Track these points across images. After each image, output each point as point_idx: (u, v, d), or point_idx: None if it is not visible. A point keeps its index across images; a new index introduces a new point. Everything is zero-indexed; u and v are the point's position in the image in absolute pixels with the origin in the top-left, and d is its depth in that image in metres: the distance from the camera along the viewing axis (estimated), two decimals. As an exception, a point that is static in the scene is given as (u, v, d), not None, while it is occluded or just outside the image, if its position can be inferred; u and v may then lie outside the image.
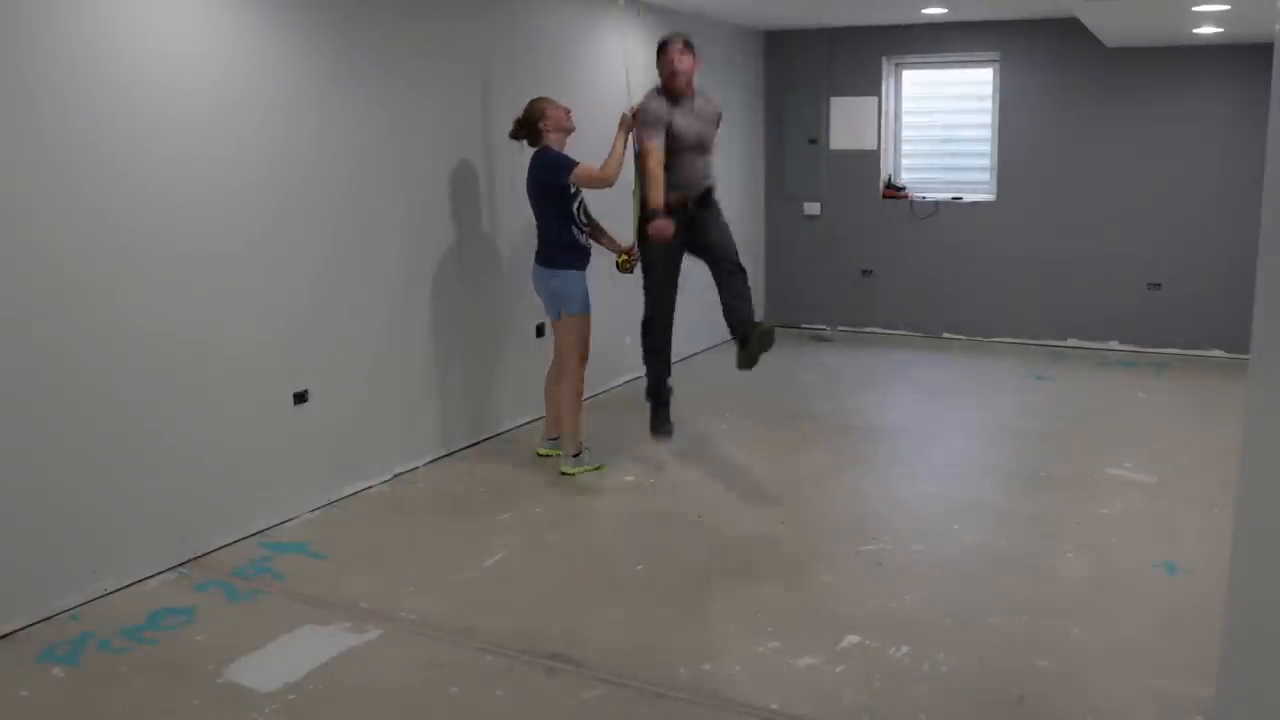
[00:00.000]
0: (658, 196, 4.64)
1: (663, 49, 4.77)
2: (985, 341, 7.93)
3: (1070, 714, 2.89)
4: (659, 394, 5.03)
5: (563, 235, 4.81)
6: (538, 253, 4.91)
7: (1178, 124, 7.23)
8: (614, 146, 4.82)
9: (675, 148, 4.77)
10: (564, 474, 4.90)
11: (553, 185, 4.78)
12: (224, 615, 3.52)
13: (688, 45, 4.76)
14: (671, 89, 4.79)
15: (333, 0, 4.35)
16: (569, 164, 4.76)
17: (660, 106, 4.78)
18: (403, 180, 4.80)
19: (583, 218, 4.93)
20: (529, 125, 4.84)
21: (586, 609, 3.55)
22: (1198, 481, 4.75)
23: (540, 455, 5.13)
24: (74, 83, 3.41)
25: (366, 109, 4.56)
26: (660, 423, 5.01)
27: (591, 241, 4.98)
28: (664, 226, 4.60)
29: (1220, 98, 7.08)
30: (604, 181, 4.76)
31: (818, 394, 6.43)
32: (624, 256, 4.92)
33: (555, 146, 4.82)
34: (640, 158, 4.73)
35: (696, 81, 4.86)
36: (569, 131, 4.89)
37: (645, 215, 4.72)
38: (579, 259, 4.86)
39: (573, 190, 4.85)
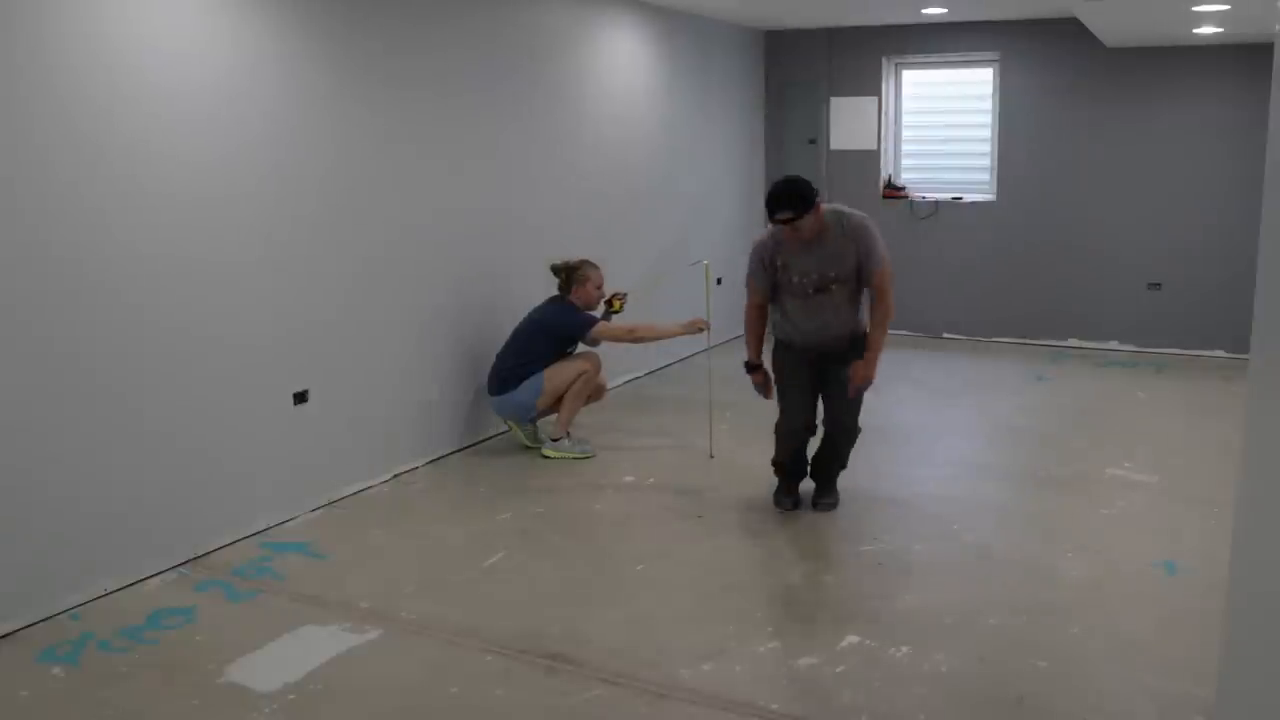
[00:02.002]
0: (749, 348, 4.34)
1: (770, 215, 4.04)
2: (985, 341, 7.93)
3: (1070, 714, 2.89)
4: (785, 469, 4.54)
5: (525, 369, 5.04)
6: (496, 381, 5.10)
7: (1178, 124, 7.23)
8: (666, 327, 5.18)
9: (786, 290, 4.16)
10: (544, 457, 5.12)
11: (567, 338, 5.10)
12: (224, 615, 3.52)
13: (797, 200, 3.95)
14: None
15: (335, 1, 4.35)
16: (590, 322, 5.06)
17: (768, 245, 4.15)
18: (403, 181, 4.80)
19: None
20: (567, 279, 5.12)
21: (586, 609, 3.54)
22: (1198, 481, 4.75)
23: (544, 456, 5.13)
24: (74, 83, 3.41)
25: (368, 110, 4.56)
26: (781, 494, 4.54)
27: None
28: (756, 382, 4.37)
29: (1220, 98, 7.08)
30: (632, 340, 5.17)
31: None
32: (616, 303, 5.29)
33: (577, 304, 5.12)
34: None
35: (828, 219, 4.10)
36: (589, 308, 5.15)
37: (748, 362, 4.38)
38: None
39: (578, 344, 5.20)
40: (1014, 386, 6.65)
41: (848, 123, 8.16)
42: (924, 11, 7.08)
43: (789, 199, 3.96)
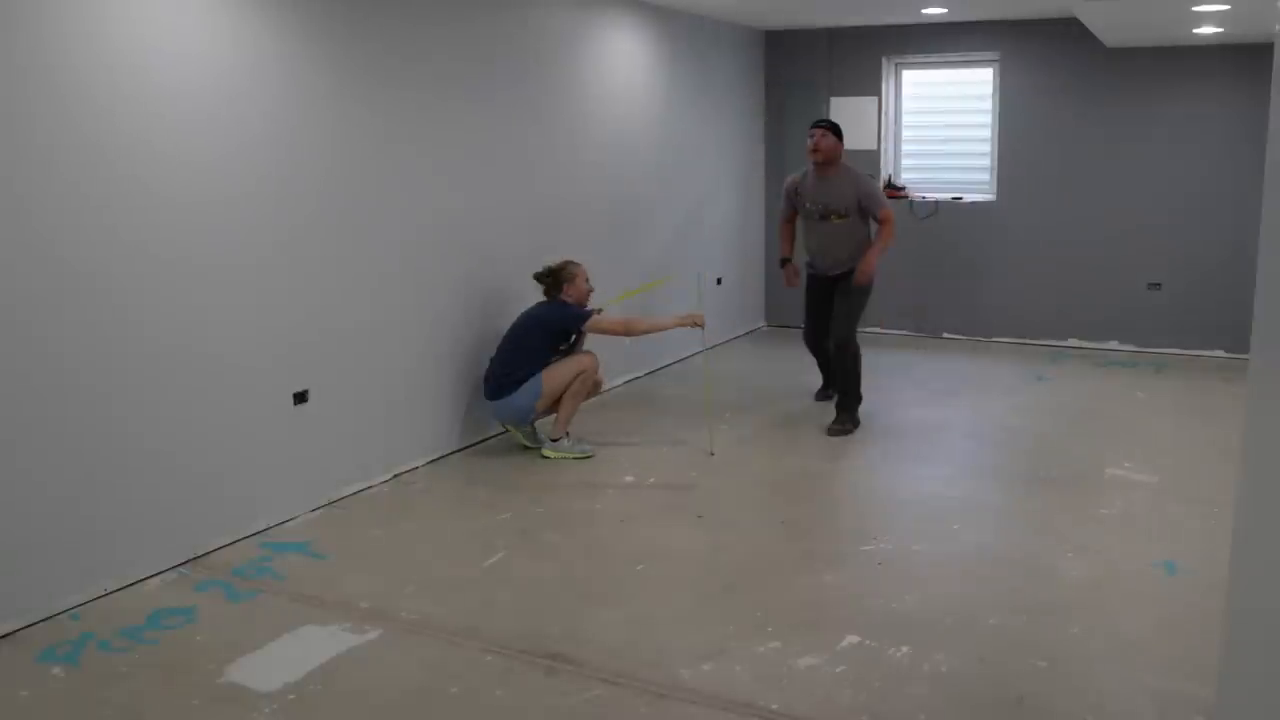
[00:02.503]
0: (781, 245, 6.01)
1: (811, 125, 5.64)
2: (985, 341, 7.93)
3: (1070, 714, 2.89)
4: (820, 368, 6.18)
5: (522, 371, 5.02)
6: (492, 386, 5.09)
7: (1177, 124, 7.23)
8: (661, 320, 5.31)
9: (803, 216, 5.75)
10: (544, 457, 5.11)
11: (563, 331, 5.12)
12: (224, 615, 3.52)
13: (829, 128, 5.54)
14: (813, 162, 5.61)
15: (335, 2, 4.35)
16: (585, 314, 5.07)
17: (793, 180, 5.83)
18: (404, 181, 4.80)
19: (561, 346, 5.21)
20: (555, 281, 5.12)
21: (586, 609, 3.54)
22: (1198, 481, 4.75)
23: (544, 456, 5.13)
24: (75, 82, 3.41)
25: (368, 110, 4.56)
26: (820, 389, 6.24)
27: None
28: (785, 275, 5.96)
29: (1220, 98, 7.08)
30: (626, 332, 5.23)
31: (818, 394, 6.42)
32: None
33: (570, 300, 5.14)
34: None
35: (843, 168, 5.59)
36: (581, 304, 5.16)
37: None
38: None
39: (575, 336, 5.22)
40: (1014, 386, 6.65)
41: (848, 123, 8.12)
42: (924, 11, 7.09)
43: (827, 121, 5.66)
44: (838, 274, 5.67)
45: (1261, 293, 1.73)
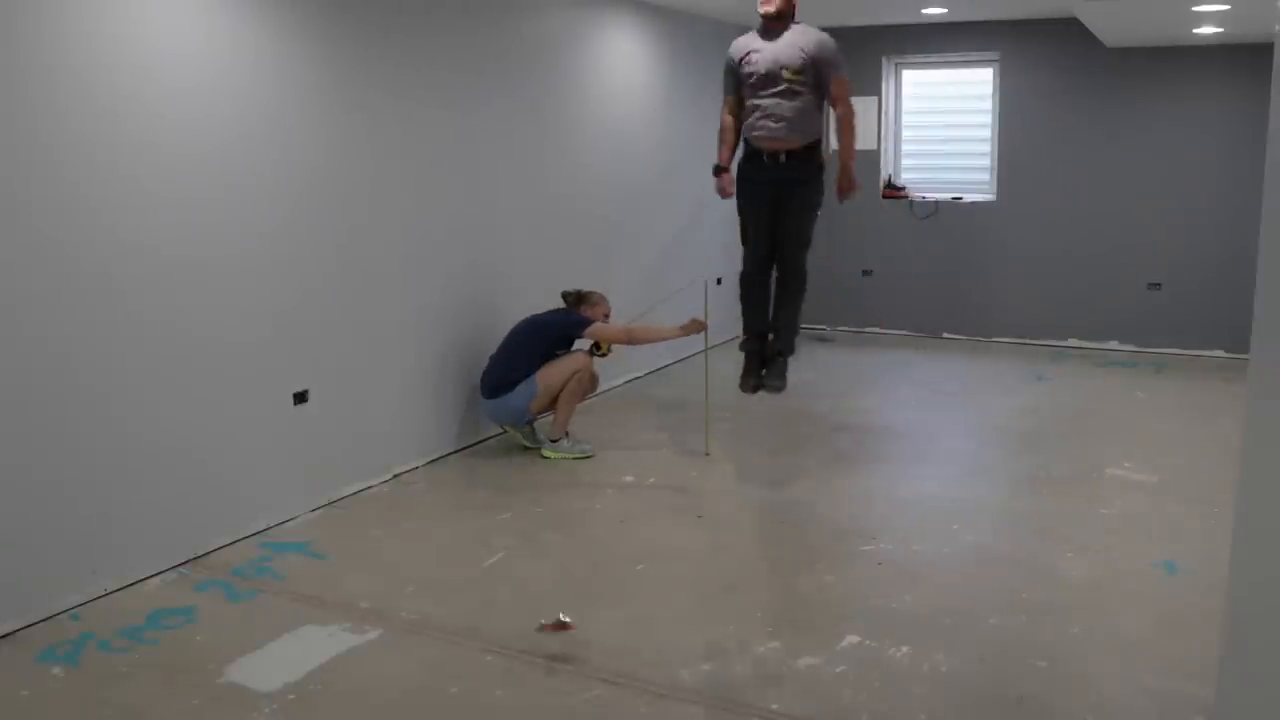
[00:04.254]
0: (720, 151, 4.64)
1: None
2: (985, 341, 7.93)
3: (1070, 714, 2.89)
4: (749, 346, 4.94)
5: (520, 372, 5.02)
6: (487, 385, 5.09)
7: (1178, 124, 7.23)
8: (663, 330, 5.22)
9: (751, 86, 4.49)
10: (544, 457, 5.11)
11: (563, 336, 5.13)
12: (224, 615, 3.52)
13: None
14: (762, 17, 4.58)
15: (336, 2, 4.35)
16: (587, 321, 5.10)
17: (740, 43, 4.59)
18: (404, 181, 4.80)
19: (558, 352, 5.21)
20: (577, 301, 5.20)
21: (586, 609, 3.54)
22: (1198, 481, 4.75)
23: (543, 457, 5.13)
24: (74, 82, 3.41)
25: (367, 110, 4.56)
26: (746, 375, 4.91)
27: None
28: (718, 184, 4.64)
29: (1220, 98, 7.08)
30: (628, 341, 5.21)
31: (818, 394, 6.42)
32: (603, 346, 5.28)
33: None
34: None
35: (798, 24, 4.64)
36: None
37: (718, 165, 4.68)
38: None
39: (576, 345, 5.24)
40: (1014, 386, 6.65)
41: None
42: (924, 11, 7.09)
43: None
44: (784, 161, 4.54)
45: (1261, 293, 1.73)
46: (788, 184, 4.59)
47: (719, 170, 4.78)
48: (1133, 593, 3.66)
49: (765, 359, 4.88)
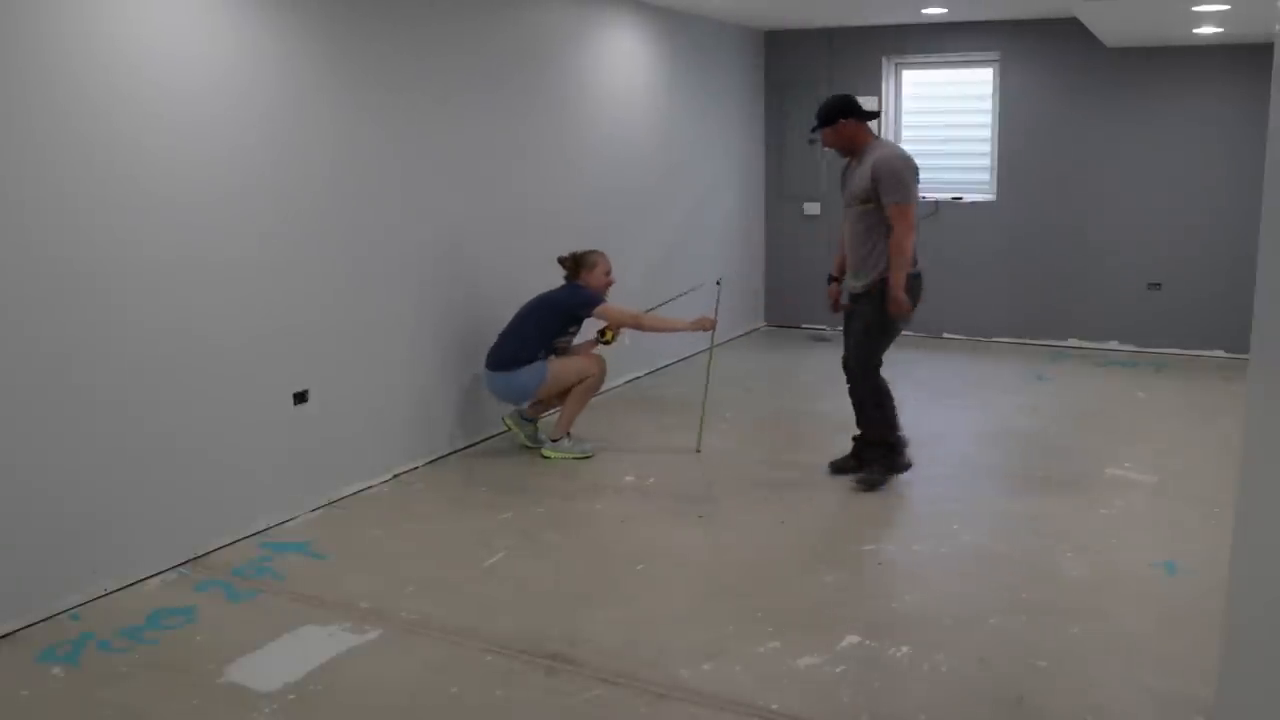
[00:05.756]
0: (836, 258, 4.89)
1: None
2: (985, 341, 7.93)
3: (1070, 714, 2.89)
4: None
5: (529, 350, 5.01)
6: (494, 359, 5.06)
7: (1178, 124, 7.23)
8: (673, 321, 5.20)
9: (845, 208, 4.64)
10: (544, 457, 5.10)
11: (571, 315, 5.08)
12: (224, 615, 3.52)
13: (822, 120, 4.53)
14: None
15: (334, 2, 4.35)
16: (597, 299, 5.02)
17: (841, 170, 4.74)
18: (403, 181, 4.80)
19: (563, 342, 5.17)
20: (576, 266, 5.11)
21: (586, 609, 3.54)
22: (1198, 481, 4.75)
23: (544, 457, 5.13)
24: (74, 83, 3.41)
25: (367, 109, 4.56)
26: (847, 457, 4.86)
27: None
28: (828, 292, 4.92)
29: (1220, 98, 7.08)
30: (635, 325, 5.13)
31: (818, 394, 6.42)
32: (609, 334, 5.27)
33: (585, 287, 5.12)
34: None
35: (873, 143, 4.54)
36: (602, 292, 5.14)
37: None
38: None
39: (583, 323, 5.18)
40: (1014, 386, 6.65)
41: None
42: (924, 11, 7.09)
43: (821, 112, 4.57)
44: (856, 291, 4.63)
45: (1261, 293, 1.73)
46: (860, 298, 4.73)
47: (830, 280, 4.95)
48: (1133, 593, 3.66)
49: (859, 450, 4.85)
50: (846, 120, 4.49)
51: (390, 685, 3.07)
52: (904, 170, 4.40)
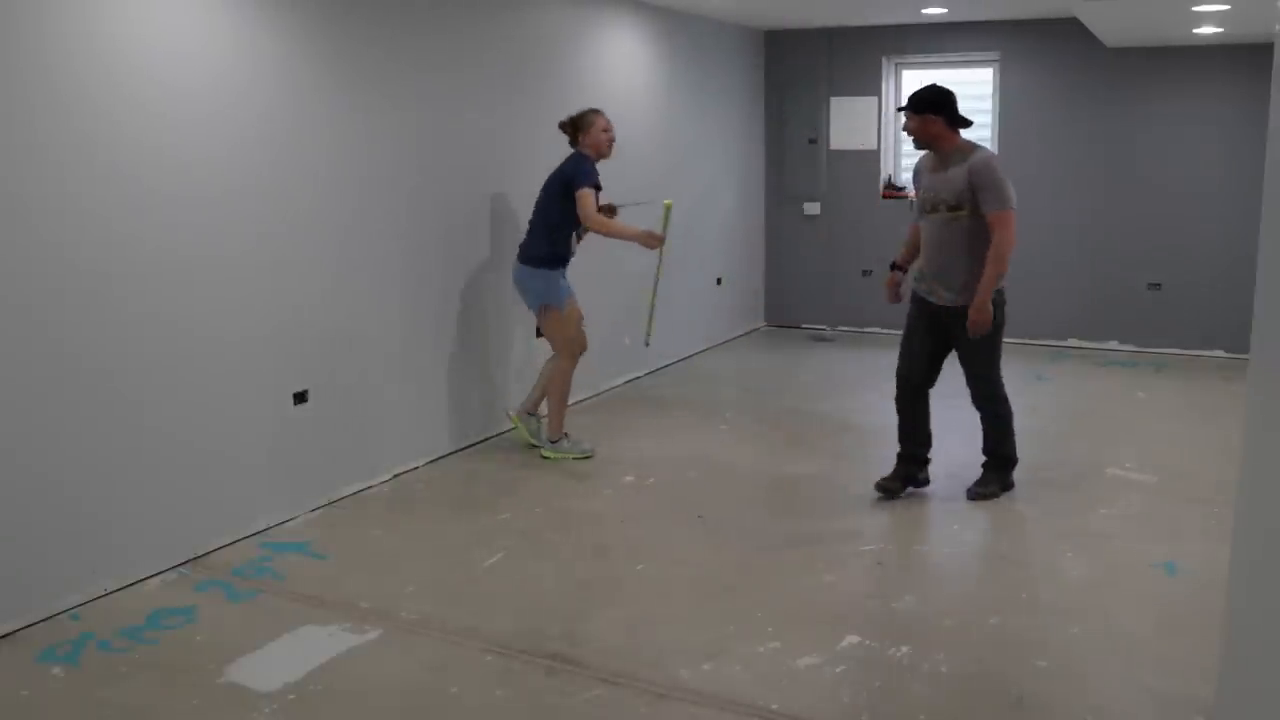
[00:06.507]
0: (903, 247, 4.76)
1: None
2: (985, 341, 7.91)
3: (1070, 714, 2.89)
4: (900, 436, 4.73)
5: (555, 238, 4.95)
6: (523, 250, 5.04)
7: (1178, 124, 7.23)
8: (623, 228, 5.08)
9: (921, 212, 4.46)
10: (544, 457, 5.09)
11: (567, 187, 4.94)
12: (224, 615, 3.52)
13: (912, 105, 4.36)
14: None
15: (337, 2, 4.35)
16: (584, 183, 4.87)
17: (919, 162, 4.57)
18: (402, 181, 4.80)
19: (581, 229, 5.06)
20: (574, 129, 5.03)
21: (586, 609, 3.54)
22: (1198, 481, 4.75)
23: (544, 457, 5.13)
24: (74, 81, 3.41)
25: (367, 110, 4.56)
26: (887, 476, 4.65)
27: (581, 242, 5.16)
28: (887, 279, 4.82)
29: (1220, 98, 7.08)
30: (585, 221, 4.91)
31: (818, 394, 6.42)
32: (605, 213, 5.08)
33: (590, 155, 4.99)
34: None
35: (960, 147, 4.35)
36: (601, 155, 5.02)
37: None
38: (561, 263, 5.02)
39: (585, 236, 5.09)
40: (1014, 386, 6.58)
41: (848, 123, 8.16)
42: (924, 11, 7.09)
43: (915, 95, 4.39)
44: (942, 306, 4.50)
45: (1261, 293, 1.73)
46: (951, 318, 4.73)
47: (892, 266, 4.88)
48: (1133, 593, 3.66)
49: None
50: (935, 117, 4.30)
51: (390, 685, 3.07)
52: (1004, 176, 4.24)
